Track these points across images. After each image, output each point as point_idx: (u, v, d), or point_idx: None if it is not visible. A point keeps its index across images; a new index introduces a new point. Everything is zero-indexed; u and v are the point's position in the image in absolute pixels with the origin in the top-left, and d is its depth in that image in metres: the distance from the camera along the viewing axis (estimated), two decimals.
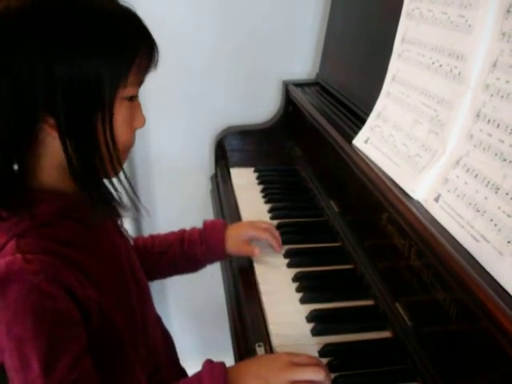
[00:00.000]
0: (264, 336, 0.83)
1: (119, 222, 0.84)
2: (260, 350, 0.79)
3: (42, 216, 0.66)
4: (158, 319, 0.94)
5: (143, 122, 0.73)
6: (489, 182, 0.65)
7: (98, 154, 0.66)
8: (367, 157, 0.94)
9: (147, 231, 1.69)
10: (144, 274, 0.86)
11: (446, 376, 0.68)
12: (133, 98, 0.70)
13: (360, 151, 0.97)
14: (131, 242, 0.88)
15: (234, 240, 1.02)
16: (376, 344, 0.82)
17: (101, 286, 0.69)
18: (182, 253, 1.01)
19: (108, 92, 0.64)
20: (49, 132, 0.64)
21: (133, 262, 0.83)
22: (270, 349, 0.80)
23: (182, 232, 1.04)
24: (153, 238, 1.03)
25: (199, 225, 1.06)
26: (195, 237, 1.02)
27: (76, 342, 0.63)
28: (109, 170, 0.68)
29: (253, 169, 1.49)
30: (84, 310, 0.65)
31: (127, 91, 0.67)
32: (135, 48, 0.66)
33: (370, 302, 0.90)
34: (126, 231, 0.86)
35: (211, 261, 1.04)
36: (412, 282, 0.76)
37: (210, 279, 1.07)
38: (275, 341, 0.82)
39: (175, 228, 1.06)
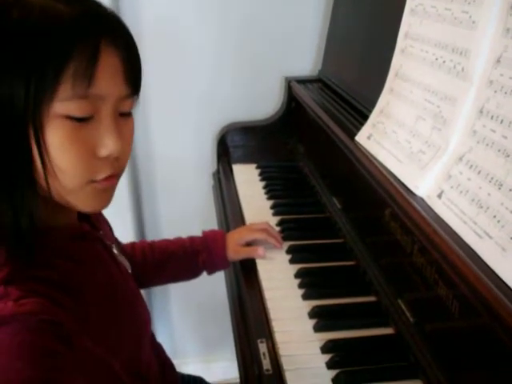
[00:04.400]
0: (266, 332, 0.83)
1: (115, 251, 0.75)
2: (262, 347, 0.79)
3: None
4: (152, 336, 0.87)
5: (111, 148, 0.58)
6: (492, 178, 0.65)
7: (30, 166, 0.55)
8: (370, 153, 0.93)
9: (149, 226, 1.70)
10: (145, 305, 0.78)
11: (449, 372, 0.68)
12: (85, 119, 0.56)
13: (363, 147, 0.96)
14: (129, 270, 0.79)
15: (234, 246, 1.03)
16: (378, 340, 0.82)
17: (96, 334, 0.61)
18: (184, 262, 1.01)
19: (23, 100, 0.52)
20: None
21: (131, 294, 0.75)
22: (272, 345, 0.80)
23: (182, 241, 1.03)
24: (151, 246, 1.01)
25: (201, 221, 1.06)
26: (197, 245, 1.02)
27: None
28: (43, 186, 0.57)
29: (255, 165, 1.49)
30: (78, 358, 0.57)
31: (62, 108, 0.54)
32: (64, 52, 0.52)
33: (372, 299, 0.90)
34: (123, 258, 0.78)
35: (211, 269, 1.04)
36: (414, 279, 0.76)
37: (212, 276, 1.07)
38: (277, 337, 0.82)
39: (177, 224, 1.06)
